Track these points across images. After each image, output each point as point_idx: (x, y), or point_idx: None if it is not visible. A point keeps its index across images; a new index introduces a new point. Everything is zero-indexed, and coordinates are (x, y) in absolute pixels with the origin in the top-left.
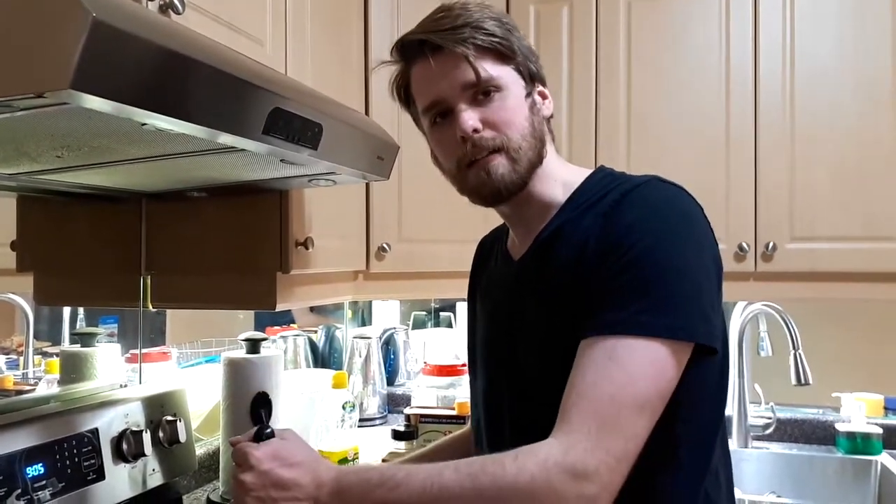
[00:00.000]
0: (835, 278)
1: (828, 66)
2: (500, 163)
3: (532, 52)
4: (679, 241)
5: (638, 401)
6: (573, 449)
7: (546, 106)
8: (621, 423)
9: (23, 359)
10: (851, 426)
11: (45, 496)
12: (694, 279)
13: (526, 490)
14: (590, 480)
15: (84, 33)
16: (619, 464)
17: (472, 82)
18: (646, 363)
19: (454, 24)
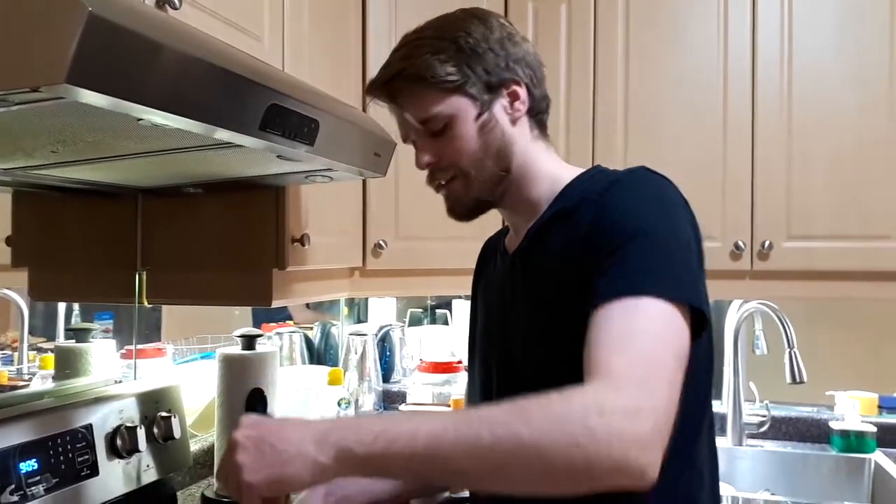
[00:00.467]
0: (831, 277)
1: (825, 63)
2: (455, 188)
3: (495, 56)
4: (671, 220)
5: (672, 350)
6: (623, 391)
7: (517, 108)
8: (664, 370)
9: (17, 354)
10: (846, 424)
11: (39, 491)
12: (686, 254)
13: (580, 428)
14: (645, 421)
15: (80, 27)
16: (668, 410)
17: (417, 127)
18: (665, 318)
19: (388, 76)
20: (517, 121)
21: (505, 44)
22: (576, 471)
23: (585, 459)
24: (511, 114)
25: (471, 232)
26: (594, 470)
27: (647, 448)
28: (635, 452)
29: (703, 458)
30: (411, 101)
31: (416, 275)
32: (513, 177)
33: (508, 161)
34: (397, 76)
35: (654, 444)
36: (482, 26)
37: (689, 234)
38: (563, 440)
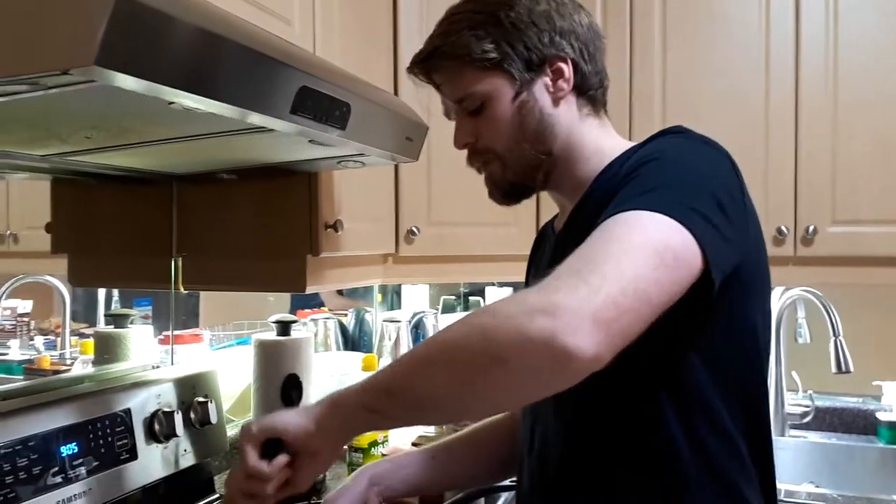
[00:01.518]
0: (878, 263)
1: (872, 40)
2: (493, 171)
3: (539, 30)
4: (694, 152)
5: (645, 245)
6: (544, 288)
7: (559, 86)
8: (601, 261)
9: (60, 339)
10: (893, 415)
11: (81, 474)
12: (706, 183)
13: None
14: (553, 314)
15: (109, 9)
16: (596, 294)
17: (454, 105)
18: (659, 227)
19: (426, 53)
20: (560, 100)
21: (552, 16)
22: (495, 353)
23: (507, 337)
24: (553, 93)
25: (504, 218)
26: (516, 347)
27: (575, 325)
28: (560, 327)
29: (748, 447)
30: (448, 79)
31: (449, 261)
32: (556, 159)
33: (549, 144)
34: (434, 53)
35: (583, 322)
36: None
37: (718, 175)
38: (473, 329)
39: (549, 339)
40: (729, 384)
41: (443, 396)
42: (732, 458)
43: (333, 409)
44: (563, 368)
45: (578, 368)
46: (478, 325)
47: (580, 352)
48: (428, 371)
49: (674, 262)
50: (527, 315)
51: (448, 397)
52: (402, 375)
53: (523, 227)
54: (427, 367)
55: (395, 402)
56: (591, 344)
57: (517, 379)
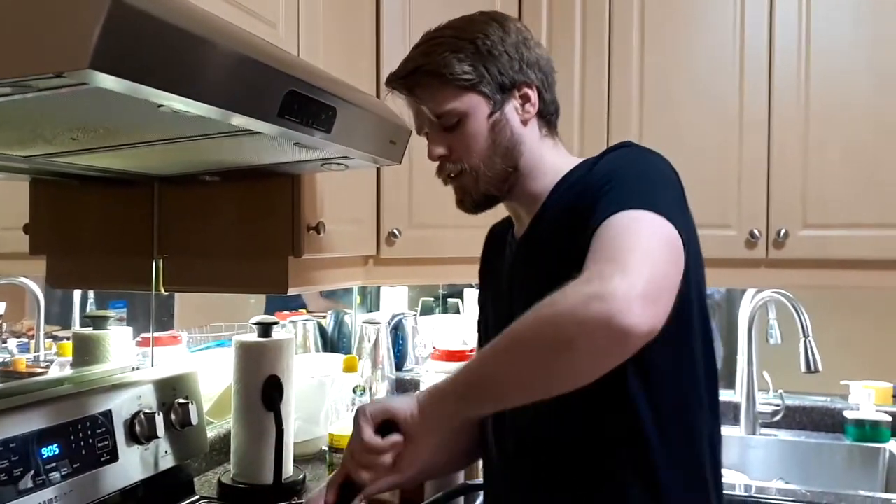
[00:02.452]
0: (847, 266)
1: (843, 50)
2: (464, 183)
3: (510, 59)
4: (651, 162)
5: (658, 238)
6: (591, 280)
7: (527, 109)
8: (645, 248)
9: (34, 342)
10: (860, 414)
11: (59, 476)
12: (670, 187)
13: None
14: (607, 300)
15: (103, 13)
16: (653, 279)
17: (432, 120)
18: (654, 220)
19: (407, 70)
20: (527, 121)
21: (520, 48)
22: (564, 340)
23: (571, 325)
24: (521, 114)
25: (485, 221)
26: (581, 332)
27: (628, 307)
28: (616, 309)
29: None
30: (429, 96)
31: (430, 263)
32: (519, 173)
33: (516, 159)
34: (417, 71)
35: (633, 304)
36: (500, 30)
37: (672, 177)
38: (540, 321)
39: (607, 321)
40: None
41: (522, 382)
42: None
43: (433, 396)
44: (623, 344)
45: (637, 343)
46: (544, 317)
47: (636, 328)
48: (507, 361)
49: (679, 251)
50: (583, 304)
51: (526, 382)
52: (484, 366)
53: None
54: (506, 357)
55: (482, 391)
56: (646, 319)
57: (584, 359)
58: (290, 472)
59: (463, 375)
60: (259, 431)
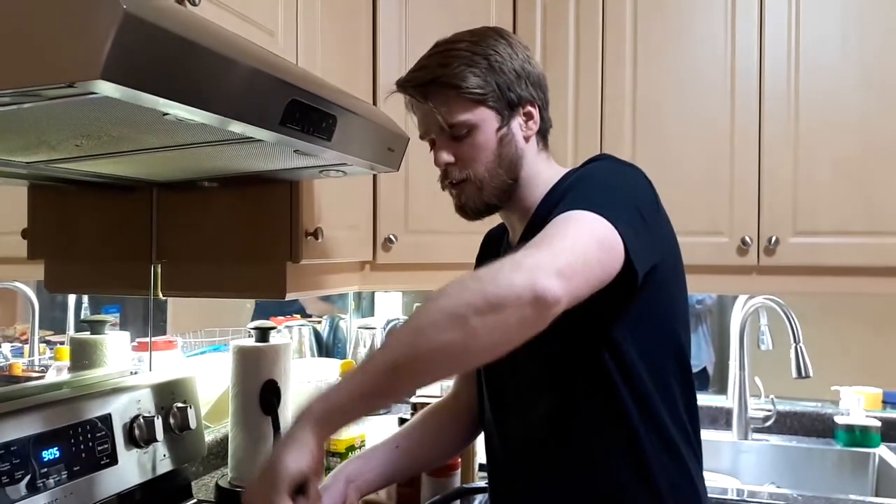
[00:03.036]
0: (837, 273)
1: (832, 62)
2: (467, 191)
3: (517, 77)
4: (621, 173)
5: (591, 233)
6: (515, 257)
7: (529, 126)
8: (570, 236)
9: (28, 346)
10: (850, 419)
11: (60, 479)
12: (632, 197)
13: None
14: (530, 270)
15: (115, 25)
16: (571, 262)
17: (442, 127)
18: (592, 220)
19: (424, 80)
20: (529, 138)
21: (525, 66)
22: (494, 302)
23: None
24: (524, 131)
25: (480, 227)
26: (510, 294)
27: (545, 275)
28: (537, 275)
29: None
30: (443, 105)
31: (426, 269)
32: (518, 185)
33: (517, 171)
34: (434, 81)
35: (550, 273)
36: (509, 48)
37: (637, 189)
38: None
39: (531, 287)
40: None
41: (450, 350)
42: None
43: (331, 421)
44: (541, 310)
45: (550, 311)
46: (469, 288)
47: (554, 295)
48: (432, 332)
49: (609, 249)
50: (508, 274)
51: (455, 349)
52: (402, 347)
53: None
54: (430, 329)
55: (399, 375)
56: (560, 290)
57: (511, 321)
58: None
59: (368, 370)
60: (257, 435)
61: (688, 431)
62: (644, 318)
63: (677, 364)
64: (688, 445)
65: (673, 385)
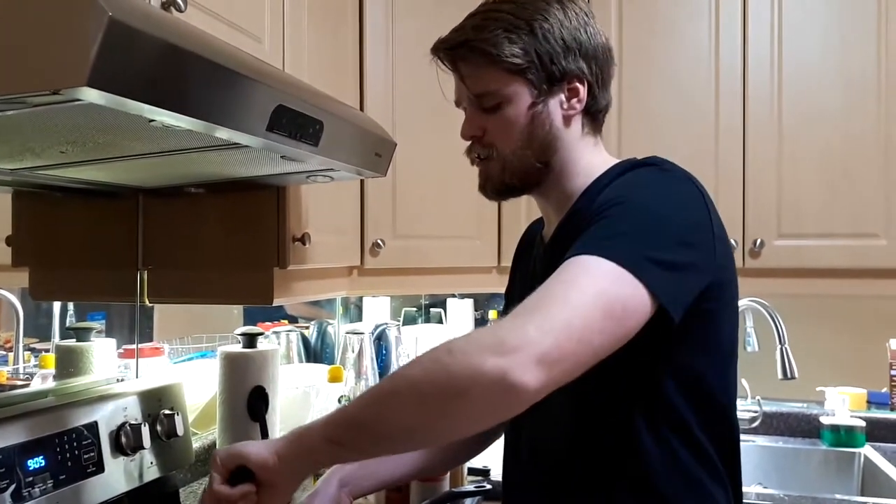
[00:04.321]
0: (821, 274)
1: (814, 65)
2: (490, 168)
3: (566, 48)
4: (665, 195)
5: (596, 295)
6: (500, 328)
7: (573, 105)
8: (555, 307)
9: (12, 354)
10: (835, 419)
11: (46, 488)
12: (669, 227)
13: (452, 368)
14: (506, 354)
15: (101, 31)
16: (544, 339)
17: (470, 97)
18: (604, 273)
19: (456, 41)
20: (570, 118)
21: (579, 35)
22: (459, 388)
23: (467, 375)
24: (565, 110)
25: (467, 231)
26: (475, 383)
27: (522, 365)
28: (510, 365)
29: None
30: (472, 73)
31: (414, 273)
32: (549, 169)
33: (549, 155)
34: (465, 44)
35: (529, 363)
36: (561, 12)
37: (680, 214)
38: (435, 365)
39: (501, 376)
40: (698, 396)
41: (409, 426)
42: (703, 464)
43: (296, 442)
44: (511, 400)
45: (523, 401)
46: (439, 363)
47: (526, 388)
48: (395, 403)
49: (622, 314)
50: (481, 354)
51: (414, 426)
52: (369, 408)
53: (486, 241)
54: (394, 399)
55: (362, 434)
56: (535, 382)
57: (474, 408)
58: None
59: (339, 417)
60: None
61: (717, 469)
62: (689, 359)
63: (723, 406)
64: (714, 481)
65: (713, 435)
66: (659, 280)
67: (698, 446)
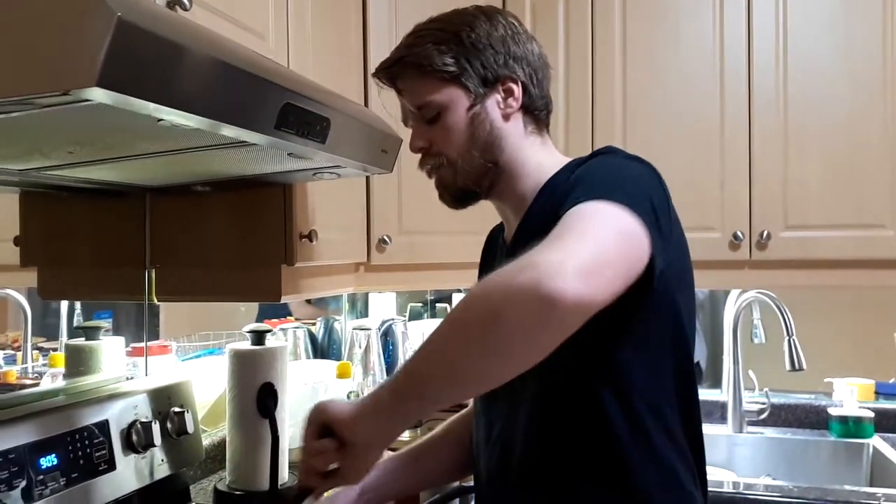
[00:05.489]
0: (827, 265)
1: (820, 57)
2: (443, 175)
3: (495, 52)
4: (631, 168)
5: (612, 224)
6: (528, 254)
7: (509, 104)
8: (577, 233)
9: (21, 354)
10: (844, 410)
11: (58, 486)
12: (645, 189)
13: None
14: (537, 267)
15: (110, 32)
16: (577, 254)
17: (413, 111)
18: (615, 212)
19: (391, 61)
20: (510, 116)
21: (507, 42)
22: (492, 311)
23: (499, 294)
24: (503, 109)
25: (474, 227)
26: (507, 300)
27: (557, 272)
28: (545, 274)
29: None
30: (409, 87)
31: (420, 269)
32: (500, 169)
33: (496, 154)
34: (399, 62)
35: (566, 271)
36: (487, 24)
37: (650, 181)
38: (472, 296)
39: (534, 286)
40: (661, 371)
41: (458, 364)
42: (671, 442)
43: (371, 399)
44: (549, 314)
45: (565, 312)
46: (477, 291)
47: (564, 294)
48: (442, 344)
49: (634, 240)
50: (515, 272)
51: (462, 363)
52: (422, 354)
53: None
54: (440, 340)
55: (420, 382)
56: (573, 288)
57: (514, 330)
58: (285, 479)
59: (401, 373)
60: (254, 438)
61: (687, 457)
62: (649, 331)
63: (678, 383)
64: (688, 470)
65: (669, 412)
66: (650, 224)
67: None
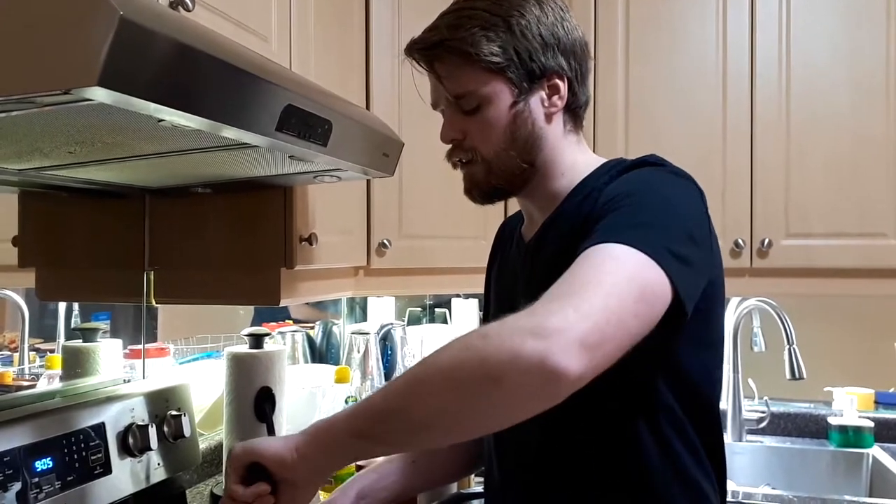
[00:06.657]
0: (829, 274)
1: (823, 64)
2: (474, 172)
3: (544, 44)
4: (670, 191)
5: (626, 277)
6: (535, 313)
7: (554, 102)
8: (603, 286)
9: (18, 355)
10: (843, 420)
11: (53, 489)
12: (680, 222)
13: (486, 352)
14: (546, 337)
15: (112, 31)
16: (584, 321)
17: (449, 99)
18: (629, 257)
19: (431, 42)
20: (552, 116)
21: (557, 31)
22: (494, 375)
23: (503, 359)
24: (546, 108)
25: (473, 231)
26: (512, 368)
27: (563, 349)
28: (551, 349)
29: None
30: (450, 73)
31: (420, 274)
32: (536, 170)
33: (534, 155)
34: (440, 45)
35: (570, 346)
36: (537, 7)
37: (689, 209)
38: (467, 351)
39: (541, 360)
40: (691, 396)
41: (439, 417)
42: (697, 462)
43: (318, 437)
44: (552, 387)
45: (565, 388)
46: (472, 348)
47: (568, 372)
48: (424, 392)
49: (652, 298)
50: (519, 337)
51: (444, 417)
52: (396, 398)
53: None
54: (423, 388)
55: (388, 426)
56: (578, 365)
57: (510, 397)
58: None
59: (363, 409)
60: None
61: (711, 476)
62: (682, 360)
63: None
64: (712, 488)
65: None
66: (677, 272)
67: (691, 444)
